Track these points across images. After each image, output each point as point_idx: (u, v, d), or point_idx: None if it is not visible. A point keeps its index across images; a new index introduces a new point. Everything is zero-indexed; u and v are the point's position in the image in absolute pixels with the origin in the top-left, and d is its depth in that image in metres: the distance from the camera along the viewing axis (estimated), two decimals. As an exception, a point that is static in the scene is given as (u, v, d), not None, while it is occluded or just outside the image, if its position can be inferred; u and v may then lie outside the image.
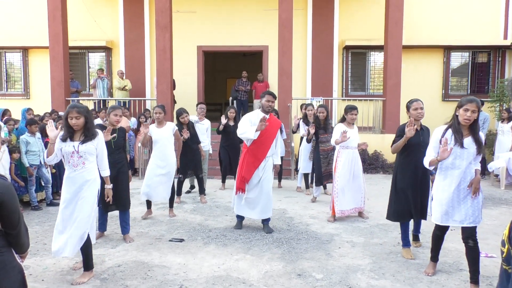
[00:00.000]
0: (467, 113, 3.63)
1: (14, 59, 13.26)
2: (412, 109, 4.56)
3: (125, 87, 11.79)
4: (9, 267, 2.09)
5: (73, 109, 3.93)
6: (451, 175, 3.77)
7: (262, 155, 5.45)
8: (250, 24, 12.66)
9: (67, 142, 3.98)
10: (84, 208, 3.94)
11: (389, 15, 10.77)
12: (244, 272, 4.19)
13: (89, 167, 4.03)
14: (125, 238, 5.15)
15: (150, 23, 12.62)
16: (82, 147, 3.95)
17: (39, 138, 7.03)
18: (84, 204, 3.94)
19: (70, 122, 3.93)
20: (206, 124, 8.01)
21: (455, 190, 3.75)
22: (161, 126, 6.21)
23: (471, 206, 3.71)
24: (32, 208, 6.73)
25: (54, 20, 10.84)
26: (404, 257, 4.60)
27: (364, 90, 12.93)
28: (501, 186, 8.70)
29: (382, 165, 10.32)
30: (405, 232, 4.68)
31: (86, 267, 4.04)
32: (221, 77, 18.13)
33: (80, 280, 3.94)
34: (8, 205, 2.02)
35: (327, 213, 6.48)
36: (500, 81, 12.03)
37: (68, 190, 3.98)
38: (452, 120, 3.79)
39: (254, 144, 5.43)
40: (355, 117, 6.13)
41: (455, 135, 3.69)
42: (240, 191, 5.52)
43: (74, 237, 3.88)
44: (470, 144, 3.69)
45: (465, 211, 3.71)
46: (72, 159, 3.96)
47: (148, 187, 6.08)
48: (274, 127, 5.54)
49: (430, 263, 4.20)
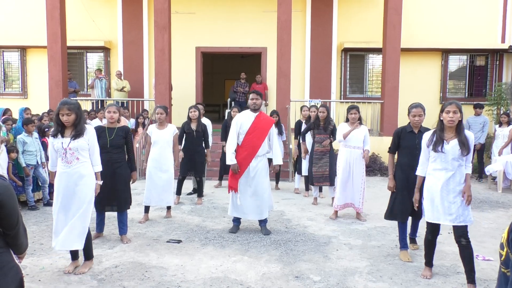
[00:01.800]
0: (449, 115, 3.80)
1: (12, 58, 13.23)
2: (411, 115, 4.66)
3: (124, 88, 11.78)
4: (7, 268, 2.07)
5: (64, 105, 3.94)
6: (439, 176, 3.90)
7: (253, 152, 5.42)
8: (248, 25, 12.68)
9: (58, 139, 4.00)
10: (82, 202, 4.01)
11: (388, 18, 10.80)
12: (241, 274, 4.18)
13: (84, 162, 4.07)
14: (122, 239, 5.13)
15: (148, 24, 12.61)
16: (73, 143, 3.98)
17: (36, 138, 7.00)
18: (82, 198, 4.01)
19: (61, 119, 3.95)
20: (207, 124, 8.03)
21: (444, 189, 3.86)
22: (162, 128, 6.16)
23: (461, 206, 3.83)
24: (29, 208, 6.71)
25: (52, 19, 10.81)
26: (402, 260, 4.60)
27: (362, 92, 12.96)
28: (498, 189, 8.71)
29: (380, 168, 10.33)
30: (403, 233, 4.71)
31: (87, 257, 4.21)
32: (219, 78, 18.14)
33: (82, 270, 4.13)
34: (7, 205, 2.01)
35: (325, 216, 6.49)
36: (498, 85, 12.08)
37: (63, 185, 3.99)
38: (438, 126, 3.95)
39: (244, 141, 5.43)
40: (354, 116, 6.19)
41: (436, 140, 3.87)
42: (233, 190, 5.49)
43: (78, 229, 3.98)
44: (454, 146, 3.82)
45: (456, 211, 3.82)
46: (65, 156, 3.98)
47: (150, 193, 6.07)
48: (264, 125, 5.50)
49: (426, 267, 4.22)
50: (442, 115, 3.88)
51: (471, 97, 12.75)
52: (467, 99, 12.67)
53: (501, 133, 9.13)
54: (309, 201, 7.48)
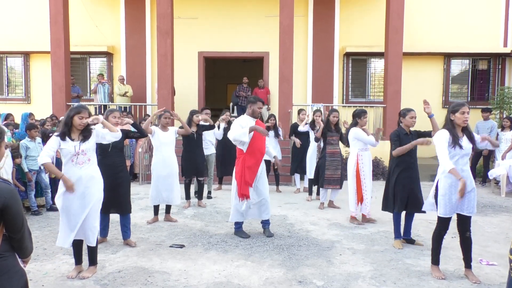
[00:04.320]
0: (465, 115, 4.02)
1: (15, 63, 13.31)
2: (409, 116, 5.18)
3: (126, 93, 11.82)
4: (12, 272, 2.08)
5: (85, 109, 4.10)
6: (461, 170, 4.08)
7: (260, 157, 5.51)
8: (251, 30, 12.72)
9: (67, 142, 4.03)
10: (94, 203, 4.12)
11: (390, 23, 10.82)
12: (244, 279, 4.17)
13: (94, 163, 4.20)
14: (128, 243, 5.17)
15: (151, 29, 12.67)
16: (85, 145, 4.09)
17: (39, 143, 7.02)
18: (92, 199, 4.10)
19: (78, 122, 4.02)
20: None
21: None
22: (166, 130, 6.25)
23: (473, 198, 4.11)
24: (32, 213, 6.72)
25: (55, 25, 10.88)
26: (395, 247, 5.12)
27: (365, 96, 12.97)
28: (501, 194, 8.70)
29: (382, 172, 10.31)
30: (397, 223, 5.22)
31: (92, 262, 4.25)
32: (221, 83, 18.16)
33: (85, 275, 4.15)
34: (12, 209, 2.02)
35: (328, 220, 6.47)
36: (500, 89, 12.07)
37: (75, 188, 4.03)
38: (448, 126, 4.11)
39: (251, 147, 5.43)
40: (365, 120, 6.36)
41: (454, 139, 4.04)
42: (245, 197, 5.46)
43: (90, 227, 4.10)
44: (467, 143, 4.09)
45: (467, 203, 4.08)
46: (76, 157, 4.05)
47: (159, 193, 6.15)
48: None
49: (434, 267, 4.27)
50: (454, 115, 4.05)
51: (473, 101, 12.74)
52: (470, 103, 12.61)
53: (503, 137, 9.11)
54: (311, 206, 7.46)
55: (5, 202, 2.01)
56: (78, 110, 4.05)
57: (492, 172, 4.13)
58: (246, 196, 5.46)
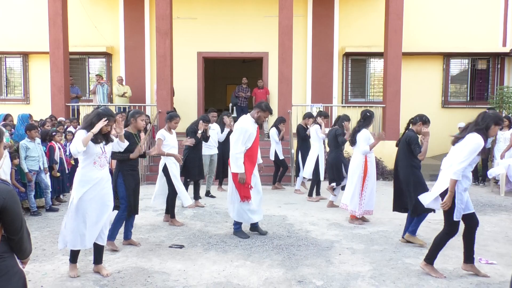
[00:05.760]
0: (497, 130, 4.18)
1: (14, 64, 13.29)
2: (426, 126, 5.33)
3: (125, 94, 11.81)
4: (11, 273, 2.08)
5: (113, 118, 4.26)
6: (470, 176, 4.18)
7: (255, 159, 5.63)
8: (250, 30, 12.72)
9: (96, 144, 4.15)
10: (110, 201, 4.28)
11: (389, 23, 10.82)
12: (244, 279, 4.17)
13: (108, 166, 4.38)
14: (131, 243, 5.21)
15: (150, 29, 12.67)
16: (107, 147, 4.30)
17: (39, 143, 7.01)
18: (110, 200, 4.28)
19: (107, 128, 4.20)
20: (216, 129, 8.16)
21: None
22: (171, 133, 6.27)
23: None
24: (31, 214, 6.71)
25: (54, 25, 10.87)
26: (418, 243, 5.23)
27: (364, 97, 12.97)
28: (500, 193, 8.70)
29: (382, 172, 10.31)
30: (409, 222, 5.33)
31: (99, 261, 4.33)
32: (221, 84, 18.17)
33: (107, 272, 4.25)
34: (11, 210, 2.02)
35: (327, 220, 6.47)
36: (500, 88, 12.08)
37: (96, 188, 4.12)
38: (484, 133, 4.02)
39: (249, 151, 5.51)
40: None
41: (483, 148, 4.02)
42: (246, 199, 5.51)
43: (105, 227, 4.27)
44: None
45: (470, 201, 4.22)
46: (100, 160, 4.20)
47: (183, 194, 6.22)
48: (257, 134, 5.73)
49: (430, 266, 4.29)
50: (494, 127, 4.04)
51: (472, 101, 12.76)
52: (469, 103, 12.68)
53: (502, 137, 9.11)
54: (311, 206, 7.46)
55: (4, 203, 2.00)
56: (110, 118, 4.18)
57: (491, 171, 4.15)
58: (247, 197, 5.51)
